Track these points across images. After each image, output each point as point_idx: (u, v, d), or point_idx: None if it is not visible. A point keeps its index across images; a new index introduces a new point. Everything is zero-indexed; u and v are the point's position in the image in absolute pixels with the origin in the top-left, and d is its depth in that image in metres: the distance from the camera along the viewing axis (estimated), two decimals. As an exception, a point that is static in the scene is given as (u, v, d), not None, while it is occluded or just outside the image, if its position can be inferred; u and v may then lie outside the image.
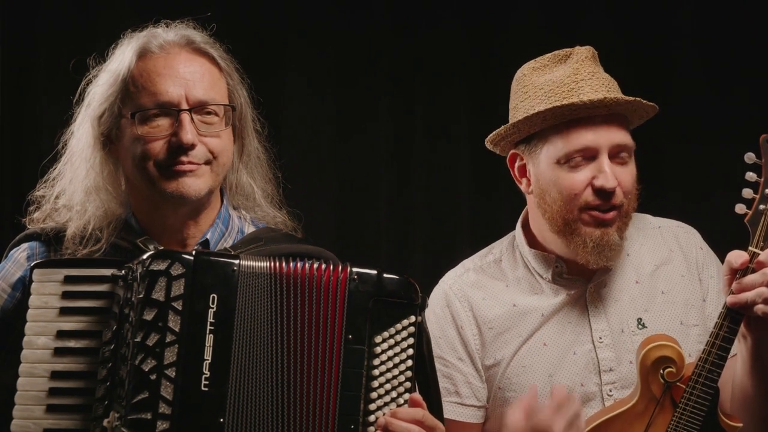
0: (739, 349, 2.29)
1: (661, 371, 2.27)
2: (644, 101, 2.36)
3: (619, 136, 2.36)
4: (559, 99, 2.34)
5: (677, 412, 2.26)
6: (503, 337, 2.44)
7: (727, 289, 2.22)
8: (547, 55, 2.45)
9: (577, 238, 2.37)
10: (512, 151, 2.47)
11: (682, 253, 2.50)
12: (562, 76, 2.38)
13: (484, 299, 2.47)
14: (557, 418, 2.19)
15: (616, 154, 2.36)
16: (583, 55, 2.40)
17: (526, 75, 2.45)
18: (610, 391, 2.39)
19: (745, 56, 3.56)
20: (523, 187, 2.47)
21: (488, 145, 2.51)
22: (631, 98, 2.35)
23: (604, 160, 2.34)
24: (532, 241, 2.49)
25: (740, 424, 2.28)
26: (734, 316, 2.21)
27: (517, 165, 2.47)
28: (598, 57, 2.45)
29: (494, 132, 2.45)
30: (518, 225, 2.54)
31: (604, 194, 2.34)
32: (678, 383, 2.27)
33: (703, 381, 2.24)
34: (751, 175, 2.24)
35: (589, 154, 2.35)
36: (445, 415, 2.35)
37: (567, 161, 2.35)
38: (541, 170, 2.40)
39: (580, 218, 2.36)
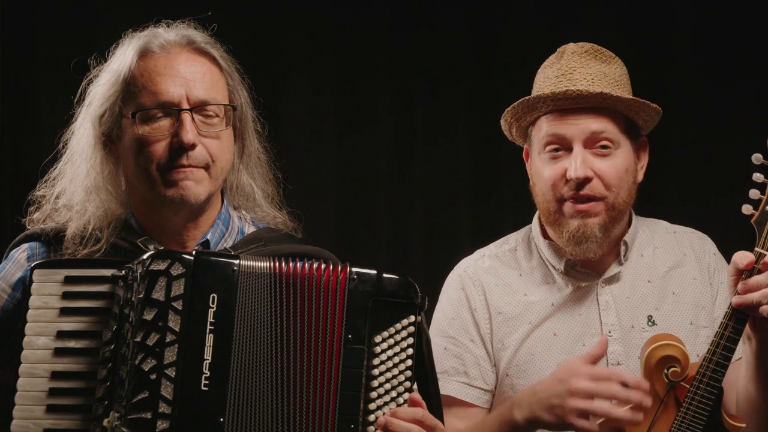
0: (744, 351, 2.29)
1: (666, 371, 2.27)
2: (612, 94, 2.35)
3: (594, 125, 2.37)
4: (537, 93, 2.41)
5: (681, 411, 2.26)
6: (512, 323, 2.46)
7: (732, 290, 2.22)
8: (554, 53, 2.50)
9: (557, 229, 2.42)
10: (525, 146, 2.52)
11: (696, 258, 2.51)
12: (551, 72, 2.43)
13: (497, 285, 2.50)
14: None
15: (594, 144, 2.37)
16: (571, 50, 2.44)
17: (538, 72, 2.51)
18: None
19: (746, 56, 3.56)
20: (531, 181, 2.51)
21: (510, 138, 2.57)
22: (596, 91, 2.35)
23: (577, 150, 2.36)
24: (546, 233, 2.52)
25: (743, 425, 2.28)
26: (739, 317, 2.21)
27: (530, 160, 2.51)
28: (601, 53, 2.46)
29: (501, 125, 2.52)
30: (535, 217, 2.56)
31: (575, 185, 2.36)
32: (682, 383, 2.27)
33: (707, 381, 2.23)
34: (758, 176, 2.23)
35: (564, 144, 2.38)
36: (452, 394, 2.42)
37: (544, 150, 2.40)
38: (532, 161, 2.47)
39: (559, 210, 2.40)
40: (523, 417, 2.27)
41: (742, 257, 2.21)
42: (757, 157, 2.23)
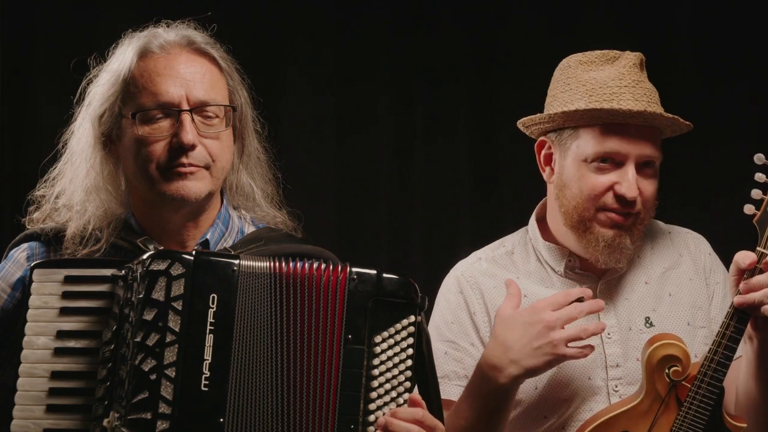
0: (745, 351, 2.29)
1: (667, 370, 2.28)
2: (682, 120, 2.38)
3: (650, 150, 2.37)
4: (599, 101, 2.35)
5: (682, 411, 2.26)
6: None
7: (734, 290, 2.22)
8: (595, 51, 2.45)
9: (589, 236, 2.39)
10: (541, 138, 2.49)
11: (691, 258, 2.52)
12: (606, 78, 2.38)
13: (495, 288, 2.48)
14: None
15: (642, 165, 2.38)
16: (631, 61, 2.41)
17: (571, 67, 2.45)
18: (616, 386, 2.40)
19: (746, 56, 3.56)
20: (545, 175, 2.49)
21: (519, 127, 2.53)
22: (671, 116, 2.37)
23: (630, 169, 2.35)
24: (547, 235, 2.51)
25: (744, 425, 2.28)
26: (741, 316, 2.21)
27: (543, 152, 2.48)
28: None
29: (528, 117, 2.47)
30: (532, 218, 2.55)
31: (624, 201, 2.36)
32: (683, 382, 2.27)
33: (708, 380, 2.23)
34: (760, 176, 2.23)
35: (618, 160, 2.36)
36: (454, 398, 2.39)
37: (594, 161, 2.37)
38: (567, 163, 2.42)
39: (596, 218, 2.38)
40: (510, 376, 2.27)
41: (744, 257, 2.21)
42: (759, 157, 2.23)
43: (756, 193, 2.24)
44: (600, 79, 2.39)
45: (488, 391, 2.30)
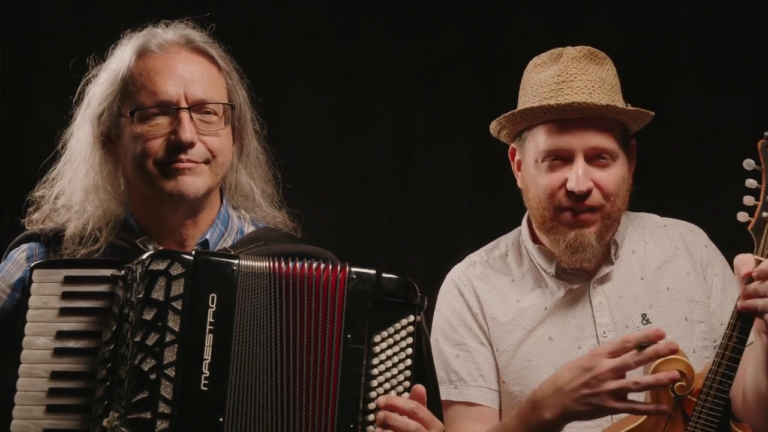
0: (755, 342, 2.24)
1: (672, 386, 2.22)
2: (618, 107, 2.35)
3: (597, 140, 2.35)
4: (538, 100, 2.37)
5: (690, 426, 2.22)
6: (506, 328, 2.45)
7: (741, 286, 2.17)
8: (548, 52, 2.47)
9: (552, 236, 2.40)
10: (511, 145, 2.51)
11: (687, 251, 2.50)
12: (548, 76, 2.39)
13: (490, 292, 2.49)
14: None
15: (594, 156, 2.36)
16: (570, 55, 2.41)
17: (528, 71, 2.48)
18: None
19: (746, 56, 3.56)
20: (518, 181, 2.50)
21: (493, 134, 2.53)
22: (603, 104, 2.33)
23: (579, 162, 2.34)
24: (536, 237, 2.51)
25: None
26: (743, 326, 2.16)
27: (516, 159, 2.50)
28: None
29: (491, 125, 2.49)
30: (524, 220, 2.55)
31: (575, 197, 2.35)
32: (689, 396, 2.23)
33: (714, 393, 2.19)
34: (751, 182, 2.19)
35: (565, 155, 2.36)
36: (477, 402, 2.41)
37: (544, 160, 2.38)
38: (526, 166, 2.44)
39: (557, 217, 2.38)
40: (555, 415, 2.21)
41: (741, 265, 2.16)
42: (749, 163, 2.19)
43: (748, 200, 2.19)
44: (543, 78, 2.40)
45: (536, 423, 2.24)
